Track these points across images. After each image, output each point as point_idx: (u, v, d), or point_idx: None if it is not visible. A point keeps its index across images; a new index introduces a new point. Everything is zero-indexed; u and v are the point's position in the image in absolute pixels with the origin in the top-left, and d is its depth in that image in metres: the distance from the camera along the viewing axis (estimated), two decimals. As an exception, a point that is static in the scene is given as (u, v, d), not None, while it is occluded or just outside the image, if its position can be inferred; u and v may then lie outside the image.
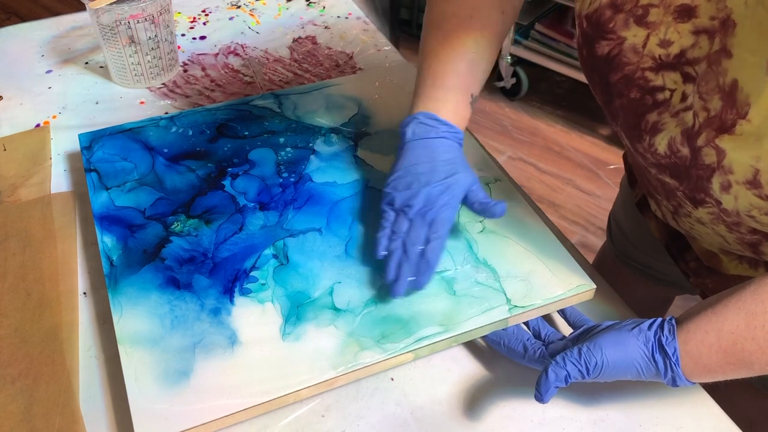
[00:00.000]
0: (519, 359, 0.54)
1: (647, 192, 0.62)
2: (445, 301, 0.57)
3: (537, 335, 0.56)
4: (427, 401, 0.54)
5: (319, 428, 0.52)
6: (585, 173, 1.87)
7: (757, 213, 0.45)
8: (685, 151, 0.48)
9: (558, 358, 0.49)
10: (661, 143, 0.50)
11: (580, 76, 1.86)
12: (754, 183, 0.44)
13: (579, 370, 0.48)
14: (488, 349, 0.58)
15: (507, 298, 0.57)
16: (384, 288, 0.58)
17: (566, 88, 2.14)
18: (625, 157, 0.78)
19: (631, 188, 0.76)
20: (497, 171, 0.70)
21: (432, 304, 0.57)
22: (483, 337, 0.57)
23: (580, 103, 2.08)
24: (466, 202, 0.59)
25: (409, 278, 0.56)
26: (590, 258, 0.72)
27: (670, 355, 0.47)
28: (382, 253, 0.58)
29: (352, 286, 0.58)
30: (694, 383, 0.48)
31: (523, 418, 0.53)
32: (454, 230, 0.63)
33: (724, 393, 0.55)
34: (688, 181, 0.49)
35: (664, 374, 0.48)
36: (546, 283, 0.58)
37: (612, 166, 1.88)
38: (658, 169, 0.52)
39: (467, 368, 0.57)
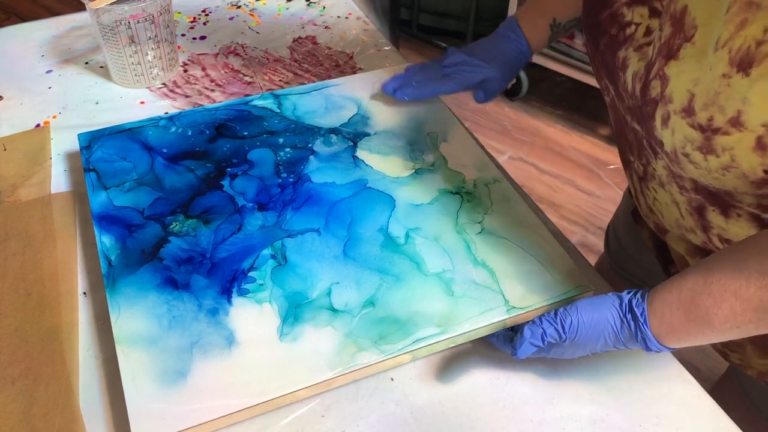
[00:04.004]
0: (505, 345, 0.55)
1: (625, 159, 0.64)
2: (443, 303, 0.57)
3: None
4: (427, 401, 0.54)
5: (319, 428, 0.52)
6: (585, 173, 1.86)
7: (690, 148, 0.46)
8: (638, 87, 0.50)
9: (536, 318, 0.52)
10: (629, 80, 0.52)
11: (581, 76, 1.85)
12: (688, 110, 0.45)
13: (555, 328, 0.50)
14: (488, 349, 0.58)
15: (505, 299, 0.57)
16: (381, 288, 0.58)
17: (566, 88, 2.14)
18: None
19: (631, 197, 0.77)
20: (497, 171, 0.70)
21: (430, 305, 0.57)
22: None
23: (580, 103, 2.08)
24: (481, 85, 0.74)
25: (392, 84, 0.76)
26: (590, 259, 0.72)
27: (638, 315, 0.49)
28: (408, 66, 0.79)
29: (350, 287, 0.58)
30: (669, 349, 0.50)
31: (523, 418, 0.53)
32: (453, 231, 0.63)
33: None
34: (642, 122, 0.51)
35: (635, 336, 0.49)
36: (544, 284, 0.58)
37: (612, 166, 1.87)
38: (631, 114, 0.54)
39: (467, 368, 0.56)
